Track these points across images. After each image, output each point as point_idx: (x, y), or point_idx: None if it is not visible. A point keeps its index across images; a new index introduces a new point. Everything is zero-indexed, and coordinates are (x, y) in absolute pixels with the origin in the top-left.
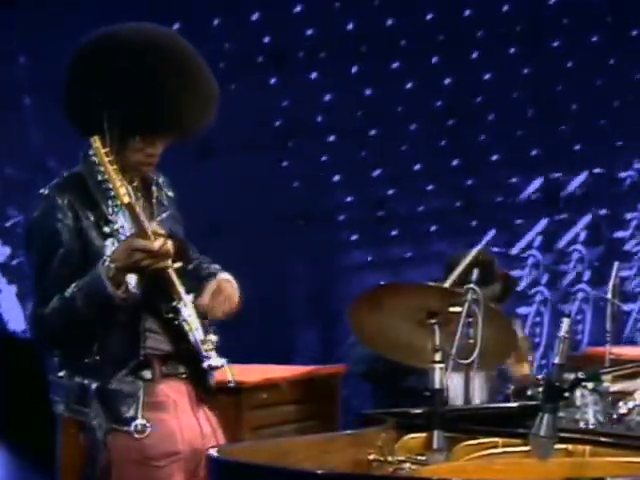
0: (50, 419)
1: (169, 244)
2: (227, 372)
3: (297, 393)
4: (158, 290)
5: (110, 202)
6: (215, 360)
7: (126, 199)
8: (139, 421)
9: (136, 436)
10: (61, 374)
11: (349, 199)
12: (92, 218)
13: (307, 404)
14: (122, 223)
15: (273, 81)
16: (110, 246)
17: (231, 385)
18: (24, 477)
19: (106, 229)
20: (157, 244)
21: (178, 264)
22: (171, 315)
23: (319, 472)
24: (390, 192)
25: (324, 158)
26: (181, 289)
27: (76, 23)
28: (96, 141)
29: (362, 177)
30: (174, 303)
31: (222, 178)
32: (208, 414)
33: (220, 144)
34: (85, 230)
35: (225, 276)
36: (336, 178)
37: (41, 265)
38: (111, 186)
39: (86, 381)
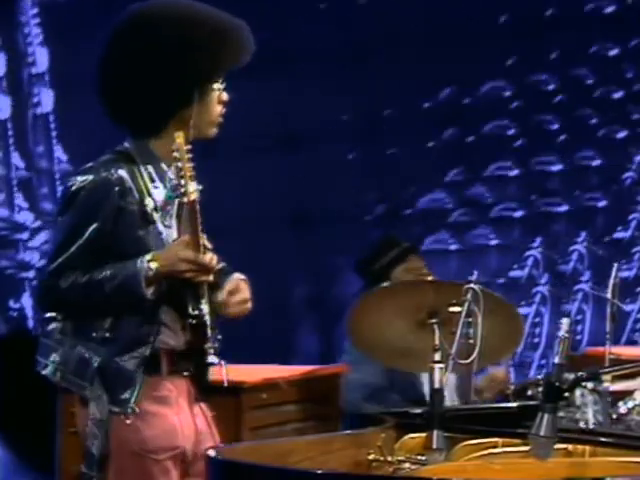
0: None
1: (215, 259)
2: (223, 372)
3: (297, 393)
4: (181, 285)
5: (160, 188)
6: (214, 358)
7: (193, 196)
8: (132, 405)
9: (122, 418)
10: (60, 340)
11: (351, 203)
12: (137, 198)
13: (307, 404)
14: (171, 214)
15: (280, 84)
16: (151, 236)
17: (226, 385)
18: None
19: (150, 212)
20: (207, 259)
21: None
22: (197, 312)
23: (319, 472)
24: (392, 197)
25: (326, 163)
26: (206, 288)
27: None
28: (180, 137)
29: (365, 181)
30: (198, 302)
31: (223, 180)
32: (205, 411)
33: (222, 146)
34: (127, 211)
35: (241, 276)
36: (337, 182)
37: (72, 233)
38: (183, 182)
39: (88, 354)
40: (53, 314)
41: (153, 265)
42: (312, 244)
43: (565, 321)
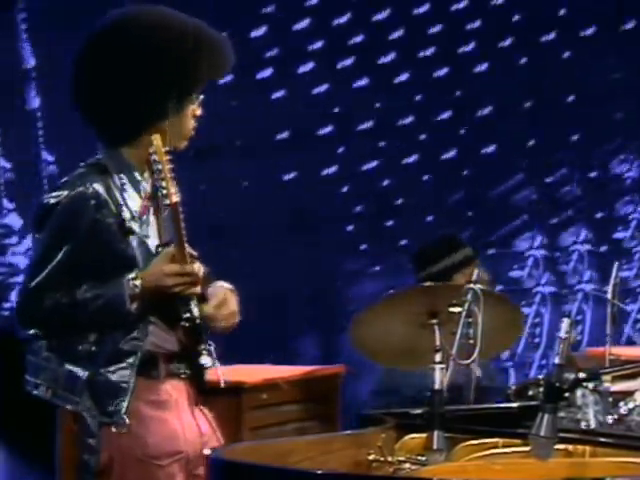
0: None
1: (201, 268)
2: (219, 373)
3: (297, 393)
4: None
5: (135, 198)
6: (207, 359)
7: (175, 198)
8: (122, 416)
9: (113, 430)
10: (48, 357)
11: (353, 204)
12: (114, 210)
13: (307, 404)
14: (148, 222)
15: (279, 87)
16: (132, 246)
17: (222, 386)
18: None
19: (127, 222)
20: (194, 269)
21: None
22: (188, 315)
23: (319, 472)
24: (396, 198)
25: (328, 164)
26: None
27: None
28: (157, 139)
29: (365, 182)
30: (188, 305)
31: (224, 180)
32: (206, 413)
33: (223, 147)
34: (104, 224)
35: (227, 285)
36: (340, 183)
37: (47, 252)
38: (164, 184)
39: (76, 369)
40: (36, 331)
41: (138, 282)
42: (313, 244)
43: (565, 321)
